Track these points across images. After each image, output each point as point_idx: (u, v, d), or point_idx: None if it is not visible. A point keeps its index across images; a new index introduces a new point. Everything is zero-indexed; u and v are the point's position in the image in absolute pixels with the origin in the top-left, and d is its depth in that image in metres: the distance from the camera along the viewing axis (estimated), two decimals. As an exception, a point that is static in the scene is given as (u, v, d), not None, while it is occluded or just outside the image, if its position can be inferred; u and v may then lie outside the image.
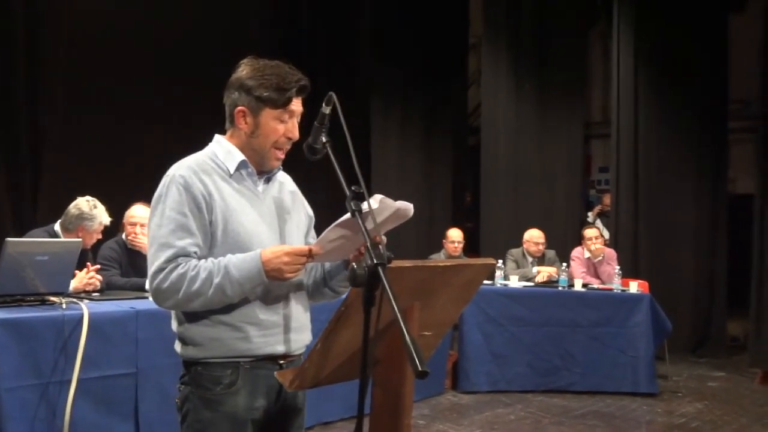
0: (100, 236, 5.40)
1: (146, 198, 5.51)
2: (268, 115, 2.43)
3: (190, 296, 2.29)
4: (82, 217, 5.23)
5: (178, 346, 2.46)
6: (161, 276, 2.29)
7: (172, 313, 2.47)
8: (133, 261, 5.55)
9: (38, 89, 7.61)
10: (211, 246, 2.37)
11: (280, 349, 2.45)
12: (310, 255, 2.34)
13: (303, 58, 9.50)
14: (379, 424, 2.34)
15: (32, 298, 4.41)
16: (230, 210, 2.39)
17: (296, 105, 2.46)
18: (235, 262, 2.31)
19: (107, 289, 5.17)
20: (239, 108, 2.43)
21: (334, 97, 2.29)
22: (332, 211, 2.38)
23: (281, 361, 2.47)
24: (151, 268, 2.31)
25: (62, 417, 4.12)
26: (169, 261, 2.29)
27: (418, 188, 10.74)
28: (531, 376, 7.29)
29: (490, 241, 10.29)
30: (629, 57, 9.94)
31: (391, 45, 10.72)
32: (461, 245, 8.24)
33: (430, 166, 11.13)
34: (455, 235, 8.26)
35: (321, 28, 10.45)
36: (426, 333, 2.48)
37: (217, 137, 2.53)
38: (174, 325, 2.47)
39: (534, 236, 8.14)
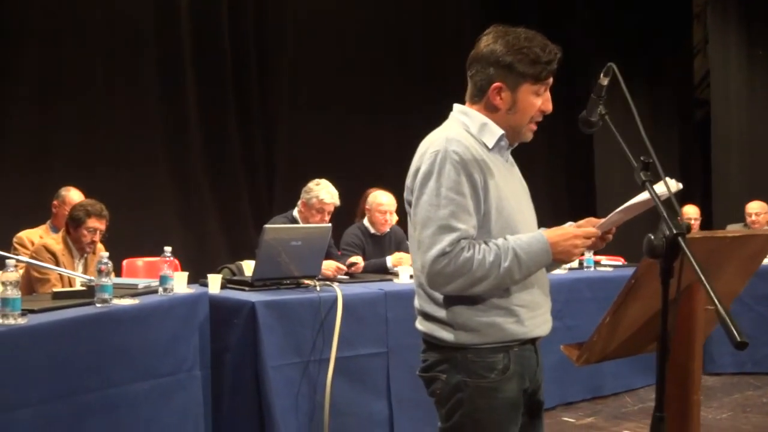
0: (326, 217, 5.39)
1: (378, 185, 5.69)
2: (526, 90, 2.33)
3: (474, 281, 2.20)
4: (304, 190, 5.47)
5: (441, 332, 2.31)
6: (446, 260, 2.19)
7: (425, 296, 2.36)
8: (377, 245, 5.77)
9: (269, 90, 8.01)
10: (483, 225, 2.28)
11: (546, 329, 2.40)
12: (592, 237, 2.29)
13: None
14: (668, 398, 2.29)
15: (288, 282, 4.65)
16: (500, 188, 2.31)
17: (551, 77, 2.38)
18: (521, 244, 2.23)
19: (351, 272, 5.37)
20: (496, 84, 2.32)
21: (614, 67, 2.24)
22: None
23: (536, 342, 2.42)
24: (432, 251, 2.20)
25: (322, 393, 4.33)
26: (453, 244, 2.19)
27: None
28: (781, 358, 6.86)
29: (723, 219, 9.75)
30: None
31: (610, 16, 10.38)
32: (698, 222, 7.87)
33: (654, 141, 10.68)
34: (691, 212, 7.90)
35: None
36: (709, 307, 2.40)
37: (461, 108, 2.43)
38: (431, 309, 2.34)
39: (751, 208, 8.00)
